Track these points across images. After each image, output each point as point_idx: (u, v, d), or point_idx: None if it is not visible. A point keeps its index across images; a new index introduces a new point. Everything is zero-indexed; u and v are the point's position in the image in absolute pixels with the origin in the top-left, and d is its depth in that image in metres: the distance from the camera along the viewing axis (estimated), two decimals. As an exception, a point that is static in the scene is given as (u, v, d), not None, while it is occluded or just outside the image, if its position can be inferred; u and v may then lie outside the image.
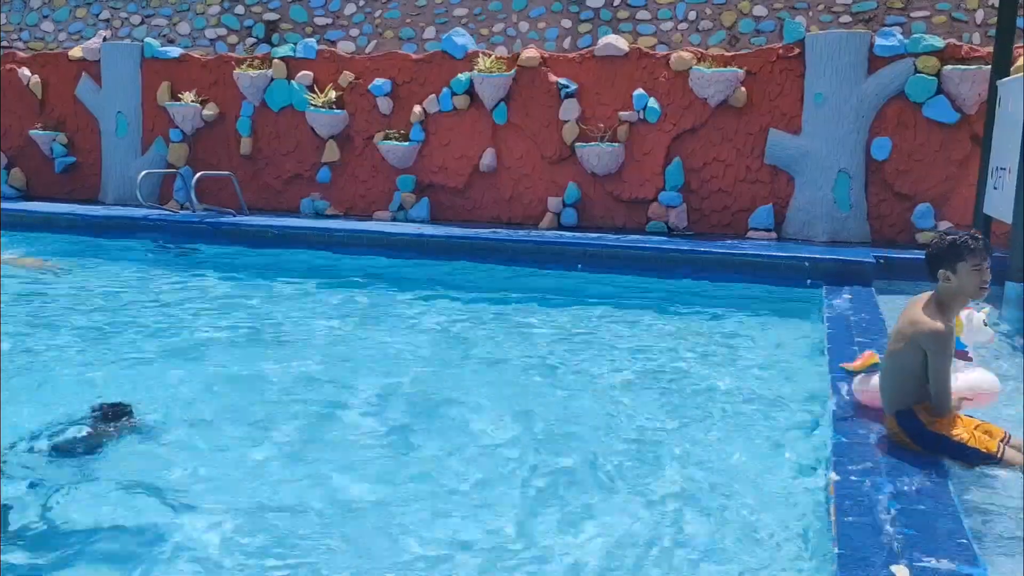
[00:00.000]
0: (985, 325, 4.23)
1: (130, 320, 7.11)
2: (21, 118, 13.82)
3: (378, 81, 11.78)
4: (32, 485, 3.77)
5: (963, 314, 4.11)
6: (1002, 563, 2.91)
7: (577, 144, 10.83)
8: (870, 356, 4.32)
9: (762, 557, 3.33)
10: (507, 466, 4.15)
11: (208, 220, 11.25)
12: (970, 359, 4.19)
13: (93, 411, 4.46)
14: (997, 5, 9.08)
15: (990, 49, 9.25)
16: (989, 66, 9.12)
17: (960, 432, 3.65)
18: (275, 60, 12.31)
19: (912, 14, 11.84)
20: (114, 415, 4.42)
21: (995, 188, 8.35)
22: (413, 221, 11.54)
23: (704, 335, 6.86)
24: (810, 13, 12.19)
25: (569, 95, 10.98)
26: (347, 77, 11.98)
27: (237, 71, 12.36)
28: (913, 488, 3.24)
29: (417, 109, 11.62)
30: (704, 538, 3.47)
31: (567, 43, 13.16)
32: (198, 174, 12.03)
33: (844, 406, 4.29)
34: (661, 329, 7.07)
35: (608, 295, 8.25)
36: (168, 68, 12.98)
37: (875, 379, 4.13)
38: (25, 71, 13.73)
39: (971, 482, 3.58)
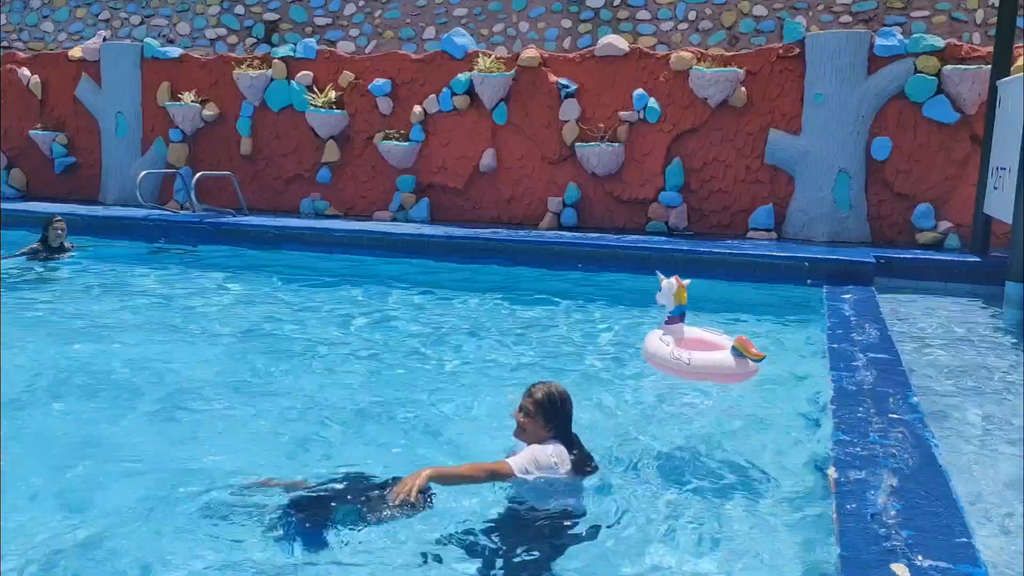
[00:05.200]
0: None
1: (130, 320, 7.12)
2: (21, 118, 13.83)
3: (378, 81, 11.78)
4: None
5: (664, 283, 4.38)
6: (1002, 563, 2.91)
7: (577, 144, 10.83)
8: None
9: (763, 556, 3.33)
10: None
11: (208, 220, 11.25)
12: (680, 323, 4.41)
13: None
14: (997, 5, 9.09)
15: (990, 49, 9.25)
16: (989, 66, 9.12)
17: None
18: (275, 60, 12.31)
19: (912, 14, 11.85)
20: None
21: (995, 188, 8.35)
22: (413, 221, 11.54)
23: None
24: (810, 13, 12.19)
25: (569, 95, 10.98)
26: (347, 77, 11.98)
27: (237, 71, 12.36)
28: (913, 488, 3.24)
29: (417, 109, 11.62)
30: (705, 537, 3.47)
31: (567, 43, 13.16)
32: (198, 174, 12.04)
33: (845, 405, 4.28)
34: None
35: (608, 295, 8.25)
36: (168, 68, 12.98)
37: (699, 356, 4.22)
38: (25, 71, 13.73)
39: (971, 481, 3.58)
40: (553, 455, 3.64)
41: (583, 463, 3.75)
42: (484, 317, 7.42)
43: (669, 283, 4.40)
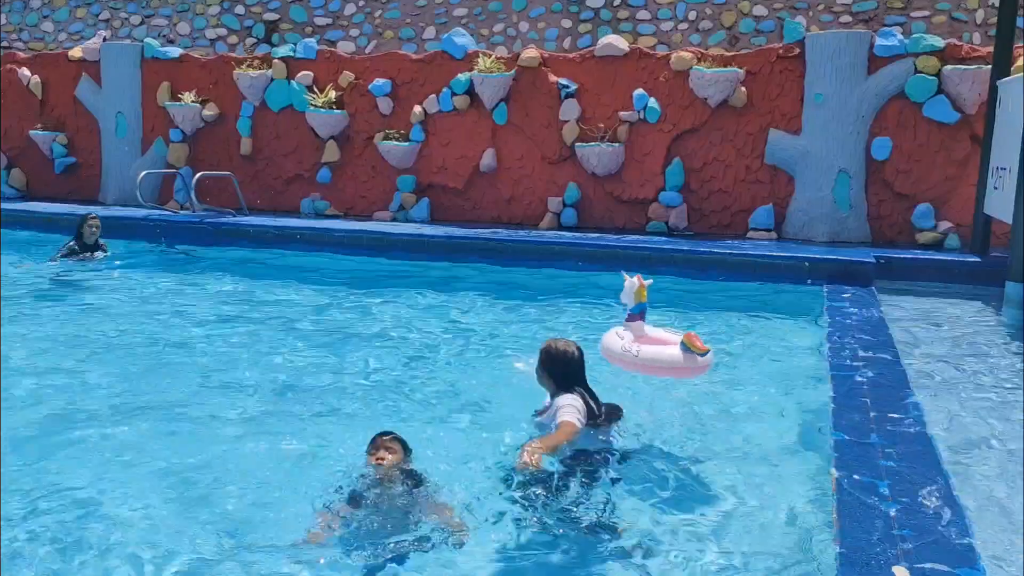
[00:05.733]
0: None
1: (130, 320, 7.11)
2: (21, 118, 13.83)
3: (378, 81, 11.77)
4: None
5: (626, 282, 4.42)
6: (1002, 564, 2.91)
7: (577, 144, 10.83)
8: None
9: (764, 556, 3.33)
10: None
11: (208, 220, 11.25)
12: (640, 320, 4.44)
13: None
14: (997, 5, 9.09)
15: (990, 49, 9.25)
16: (989, 66, 9.13)
17: None
18: (275, 60, 12.31)
19: (912, 14, 11.85)
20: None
21: (995, 188, 8.36)
22: (413, 221, 11.54)
23: (704, 335, 6.83)
24: (810, 13, 12.19)
25: (569, 95, 10.98)
26: (347, 77, 11.98)
27: (237, 71, 12.36)
28: (913, 488, 3.24)
29: (417, 109, 11.62)
30: (706, 537, 3.47)
31: (567, 43, 13.16)
32: (198, 174, 12.04)
33: (845, 405, 4.29)
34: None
35: (606, 295, 8.24)
36: (168, 68, 12.98)
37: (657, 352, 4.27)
38: (25, 71, 13.73)
39: (972, 482, 3.58)
40: (572, 400, 4.04)
41: (599, 418, 4.11)
42: (483, 317, 7.42)
43: (631, 282, 4.47)
